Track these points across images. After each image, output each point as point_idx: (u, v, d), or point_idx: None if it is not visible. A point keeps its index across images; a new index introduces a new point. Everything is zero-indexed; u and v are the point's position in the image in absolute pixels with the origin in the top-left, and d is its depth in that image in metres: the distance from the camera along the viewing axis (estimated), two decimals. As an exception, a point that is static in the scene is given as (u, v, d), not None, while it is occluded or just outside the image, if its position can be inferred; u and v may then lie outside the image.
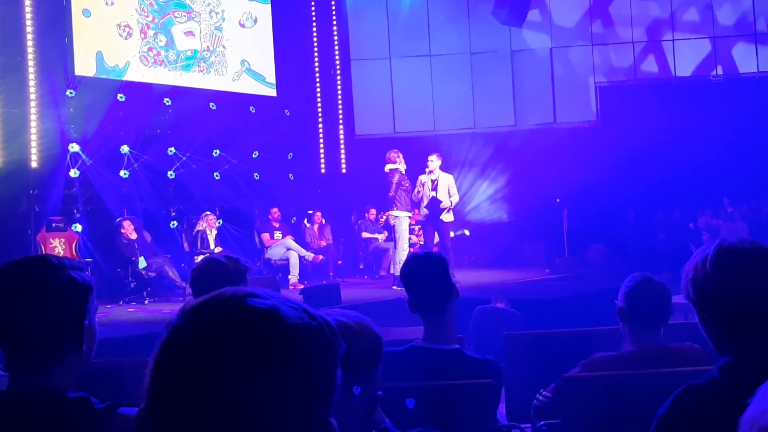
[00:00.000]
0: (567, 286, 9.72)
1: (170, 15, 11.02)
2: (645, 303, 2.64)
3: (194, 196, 10.84)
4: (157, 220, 10.44)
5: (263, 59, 12.24)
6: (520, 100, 13.42)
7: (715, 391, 1.58)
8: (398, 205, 9.55)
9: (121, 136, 10.22)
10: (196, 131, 10.95)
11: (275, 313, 0.83)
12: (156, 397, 0.82)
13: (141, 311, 8.60)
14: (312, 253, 10.94)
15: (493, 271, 11.56)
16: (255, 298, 0.84)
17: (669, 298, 2.71)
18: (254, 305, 0.83)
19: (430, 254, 2.86)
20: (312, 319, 0.86)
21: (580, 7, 13.39)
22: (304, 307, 0.87)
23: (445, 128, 13.30)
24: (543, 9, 13.30)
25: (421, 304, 2.67)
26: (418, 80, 13.40)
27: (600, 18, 13.38)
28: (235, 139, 11.48)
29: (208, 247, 10.10)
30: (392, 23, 13.52)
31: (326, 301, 7.77)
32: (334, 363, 0.87)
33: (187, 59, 11.18)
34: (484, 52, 13.40)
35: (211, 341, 0.80)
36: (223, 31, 11.71)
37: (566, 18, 13.40)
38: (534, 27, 13.32)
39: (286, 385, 0.81)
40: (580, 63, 13.38)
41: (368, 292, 9.81)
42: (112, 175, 10.04)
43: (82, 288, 1.62)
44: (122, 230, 9.49)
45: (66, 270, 1.61)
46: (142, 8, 10.66)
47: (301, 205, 12.34)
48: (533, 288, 9.69)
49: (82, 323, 1.62)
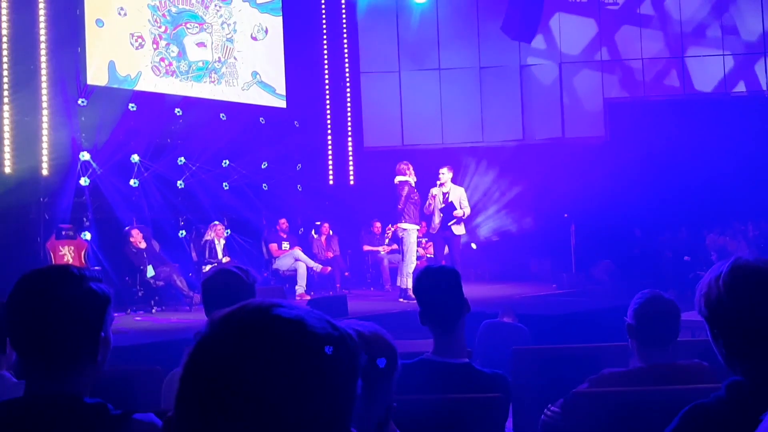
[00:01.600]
0: (574, 301, 9.69)
1: (182, 26, 11.10)
2: (654, 320, 2.65)
3: (203, 205, 10.88)
4: (166, 229, 10.47)
5: (274, 71, 12.31)
6: (529, 114, 13.45)
7: (722, 410, 1.59)
8: (407, 218, 9.55)
9: (132, 146, 10.28)
10: (206, 141, 11.01)
11: (301, 323, 0.85)
12: (185, 404, 0.84)
13: (149, 320, 8.61)
14: (320, 265, 10.96)
15: (500, 285, 11.55)
16: (281, 308, 0.86)
17: (678, 315, 2.72)
18: (280, 315, 0.85)
19: (445, 268, 2.86)
20: (335, 330, 0.88)
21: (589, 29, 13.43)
22: (328, 318, 0.89)
23: (453, 141, 13.33)
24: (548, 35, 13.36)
25: (434, 317, 2.67)
26: (426, 94, 13.45)
27: (609, 37, 13.42)
28: (244, 150, 11.53)
29: (216, 257, 10.13)
30: (402, 37, 13.59)
31: (333, 312, 7.71)
32: (356, 373, 0.90)
33: (199, 70, 11.25)
34: (493, 67, 13.45)
35: (240, 350, 0.83)
36: (234, 42, 11.79)
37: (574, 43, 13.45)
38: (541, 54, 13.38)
39: (312, 394, 0.83)
40: (589, 78, 13.41)
41: (375, 304, 9.79)
42: (122, 184, 10.08)
43: (101, 300, 1.64)
44: (131, 239, 9.52)
45: (86, 281, 1.63)
46: (154, 19, 10.75)
47: (309, 216, 12.36)
48: (540, 303, 9.65)
49: (99, 335, 1.64)
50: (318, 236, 11.98)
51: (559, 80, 13.45)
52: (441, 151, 12.76)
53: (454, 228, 9.52)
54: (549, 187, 12.66)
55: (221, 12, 11.66)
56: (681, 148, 12.39)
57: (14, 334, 1.62)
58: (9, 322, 1.61)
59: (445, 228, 9.51)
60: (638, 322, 2.67)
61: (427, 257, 11.06)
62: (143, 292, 9.35)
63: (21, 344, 1.61)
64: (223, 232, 10.46)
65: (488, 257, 12.94)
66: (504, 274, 12.47)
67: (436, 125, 13.48)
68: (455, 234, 9.57)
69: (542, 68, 13.53)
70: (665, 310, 2.68)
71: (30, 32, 9.36)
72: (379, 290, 11.52)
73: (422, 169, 10.01)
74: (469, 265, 12.14)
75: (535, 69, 13.55)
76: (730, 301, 1.59)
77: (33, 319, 1.58)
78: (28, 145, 9.26)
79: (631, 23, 13.41)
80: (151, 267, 9.39)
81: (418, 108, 13.46)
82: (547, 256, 12.58)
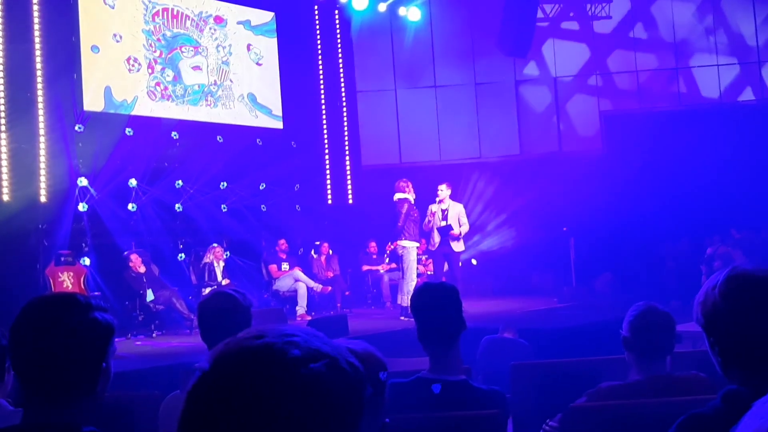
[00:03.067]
0: (576, 315, 9.66)
1: (177, 50, 11.18)
2: (649, 332, 2.66)
3: (202, 228, 10.89)
4: (165, 253, 10.48)
5: (270, 92, 12.37)
6: (525, 129, 13.51)
7: (718, 419, 1.59)
8: (406, 235, 9.56)
9: (129, 170, 10.30)
10: (203, 164, 11.04)
11: (304, 362, 0.85)
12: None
13: (149, 344, 8.59)
14: (320, 285, 10.96)
15: (501, 300, 11.54)
16: (290, 344, 0.86)
17: (673, 327, 2.73)
18: (283, 352, 0.85)
19: (443, 285, 2.86)
20: (339, 366, 0.88)
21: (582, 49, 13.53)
22: (336, 351, 0.89)
23: (451, 158, 13.38)
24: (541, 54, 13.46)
25: (430, 335, 2.67)
26: (423, 111, 13.52)
27: (603, 50, 13.50)
28: (242, 172, 11.56)
29: (215, 279, 10.13)
30: (397, 55, 13.68)
31: (334, 332, 7.76)
32: (361, 407, 0.90)
33: (195, 93, 11.32)
34: (488, 83, 13.53)
35: (239, 390, 0.83)
36: (230, 65, 11.86)
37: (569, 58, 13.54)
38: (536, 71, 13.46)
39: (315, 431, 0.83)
40: (584, 91, 13.48)
41: (376, 322, 9.78)
42: (120, 208, 10.10)
43: (106, 330, 1.64)
44: (130, 263, 9.52)
45: (92, 311, 1.64)
46: (149, 43, 10.82)
47: (308, 237, 12.37)
48: (541, 317, 9.64)
49: (101, 365, 1.64)
50: (317, 256, 11.99)
51: (554, 94, 13.52)
52: (439, 168, 12.80)
53: (453, 245, 9.55)
54: (548, 201, 12.69)
55: (216, 35, 11.74)
56: (679, 158, 12.43)
57: (17, 360, 1.62)
58: (13, 348, 1.61)
59: (445, 245, 9.53)
60: (633, 335, 2.68)
61: (428, 274, 11.06)
62: (143, 317, 9.34)
63: (23, 371, 1.62)
64: (223, 255, 10.47)
65: (489, 272, 12.94)
66: (505, 289, 12.47)
67: (433, 142, 13.54)
68: (455, 251, 9.59)
69: (538, 83, 13.60)
70: (660, 321, 2.69)
71: (26, 60, 9.42)
72: (380, 309, 11.50)
73: (421, 185, 10.04)
74: (470, 281, 12.14)
75: (530, 84, 13.62)
76: (726, 309, 1.60)
77: (37, 346, 1.59)
78: (26, 173, 9.29)
79: (624, 41, 13.50)
80: (150, 291, 9.39)
81: (415, 125, 13.53)
82: (547, 270, 12.58)
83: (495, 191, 13.14)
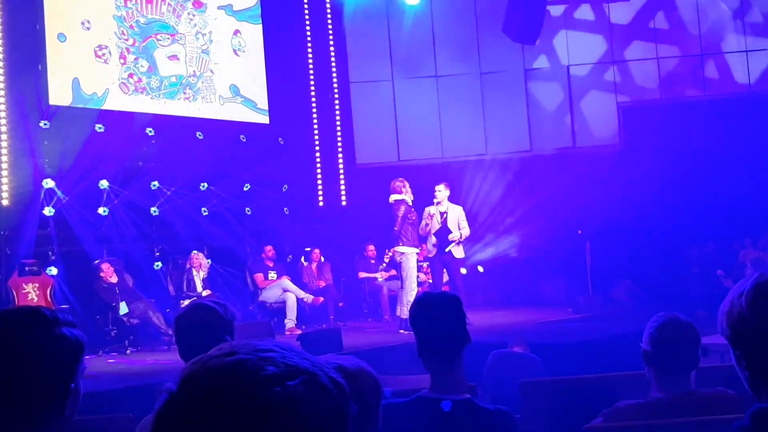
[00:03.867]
0: (592, 327, 9.69)
1: (152, 38, 11.19)
2: (671, 345, 2.67)
3: (180, 234, 10.89)
4: (140, 261, 10.48)
5: (254, 84, 12.38)
6: (536, 123, 13.52)
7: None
8: (404, 240, 9.57)
9: (100, 171, 10.30)
10: (181, 163, 11.05)
11: (280, 380, 0.86)
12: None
13: (123, 362, 8.60)
14: (311, 295, 10.96)
15: (510, 311, 11.54)
16: (264, 360, 0.87)
17: (698, 339, 2.74)
18: (257, 370, 0.86)
19: (445, 295, 2.87)
20: (319, 382, 0.89)
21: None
22: (311, 369, 0.89)
23: (454, 155, 13.38)
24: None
25: (432, 350, 2.68)
26: (423, 103, 13.52)
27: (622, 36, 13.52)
28: (224, 172, 11.56)
29: (195, 290, 10.14)
30: (394, 42, 13.69)
31: (326, 347, 7.77)
32: (344, 428, 0.90)
33: (172, 86, 11.32)
34: (494, 72, 13.54)
35: (209, 412, 0.83)
36: (210, 54, 11.87)
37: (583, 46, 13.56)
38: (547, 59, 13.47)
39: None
40: (600, 81, 13.50)
41: (372, 336, 9.79)
42: (90, 213, 10.10)
43: (74, 348, 1.64)
44: (101, 273, 9.52)
45: (59, 326, 1.64)
46: (121, 31, 10.83)
47: (297, 242, 12.37)
48: (554, 330, 9.64)
49: (69, 386, 1.64)
50: (308, 264, 11.99)
51: (567, 85, 13.54)
52: (441, 166, 12.81)
53: (453, 251, 9.57)
54: (560, 201, 12.69)
55: (195, 21, 11.75)
56: (705, 153, 12.42)
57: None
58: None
59: (443, 251, 9.55)
60: (654, 348, 2.69)
61: (429, 283, 11.06)
62: (116, 332, 9.34)
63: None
64: (203, 263, 10.47)
65: (496, 280, 12.94)
66: (514, 299, 12.47)
67: (434, 138, 13.55)
68: (455, 257, 9.60)
69: (549, 72, 13.62)
70: (683, 333, 2.70)
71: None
72: (377, 321, 11.51)
73: (421, 186, 10.05)
74: (475, 290, 12.14)
75: (541, 73, 13.64)
76: (753, 318, 1.59)
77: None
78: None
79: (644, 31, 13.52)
80: (124, 303, 9.39)
81: (414, 119, 13.53)
82: (561, 278, 12.58)
83: (503, 191, 13.15)
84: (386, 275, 12.05)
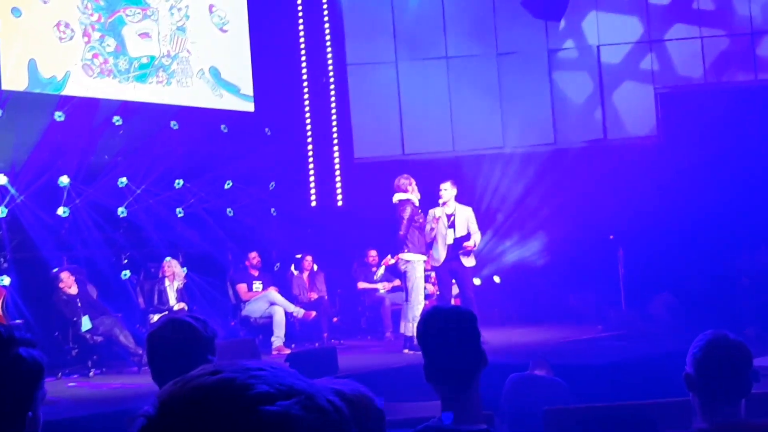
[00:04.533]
0: (625, 346, 9.70)
1: (120, 13, 11.20)
2: (719, 368, 2.66)
3: (151, 238, 10.90)
4: (105, 269, 10.49)
5: (237, 66, 12.40)
6: (561, 111, 13.52)
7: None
8: (410, 247, 9.58)
9: (60, 165, 10.31)
10: (153, 157, 11.05)
11: (272, 399, 0.85)
12: None
13: (85, 386, 8.61)
14: (302, 309, 10.96)
15: (531, 328, 11.57)
16: (254, 379, 0.86)
17: (750, 361, 2.73)
18: (246, 388, 0.85)
19: (458, 309, 2.87)
20: (317, 404, 0.89)
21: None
22: (308, 390, 0.90)
23: (466, 148, 13.40)
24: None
25: (442, 373, 2.68)
26: (431, 89, 13.53)
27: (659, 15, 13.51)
28: (202, 167, 11.57)
29: (168, 302, 10.14)
30: (398, 18, 13.69)
31: (319, 369, 7.78)
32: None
33: (143, 67, 11.33)
34: (513, 53, 13.54)
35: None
36: (186, 32, 11.88)
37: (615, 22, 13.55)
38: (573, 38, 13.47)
39: None
40: (635, 65, 13.49)
41: (372, 357, 9.80)
42: (48, 213, 10.11)
43: (33, 371, 1.63)
44: (60, 283, 9.52)
45: (15, 346, 1.62)
46: (85, 5, 10.84)
47: (286, 248, 12.38)
48: (582, 350, 9.67)
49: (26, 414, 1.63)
50: (299, 273, 12.00)
51: (597, 67, 13.53)
52: (451, 161, 12.82)
53: (463, 259, 9.57)
54: (589, 202, 12.68)
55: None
56: (756, 146, 12.40)
57: None
58: None
59: (452, 259, 9.55)
60: (698, 372, 2.68)
61: (438, 295, 11.07)
62: (77, 351, 9.34)
63: None
64: (178, 272, 10.47)
65: (515, 293, 12.94)
66: (536, 314, 12.47)
67: (444, 128, 13.55)
68: (465, 266, 9.61)
69: (577, 55, 13.62)
70: (732, 355, 2.69)
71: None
72: (378, 339, 11.52)
73: (429, 184, 10.05)
74: (491, 304, 12.15)
75: (567, 54, 13.63)
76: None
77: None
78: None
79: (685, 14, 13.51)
80: (86, 318, 9.38)
81: (421, 107, 13.53)
82: (589, 290, 12.57)
83: (523, 190, 13.15)
84: (389, 286, 12.04)
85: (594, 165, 12.94)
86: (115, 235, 10.80)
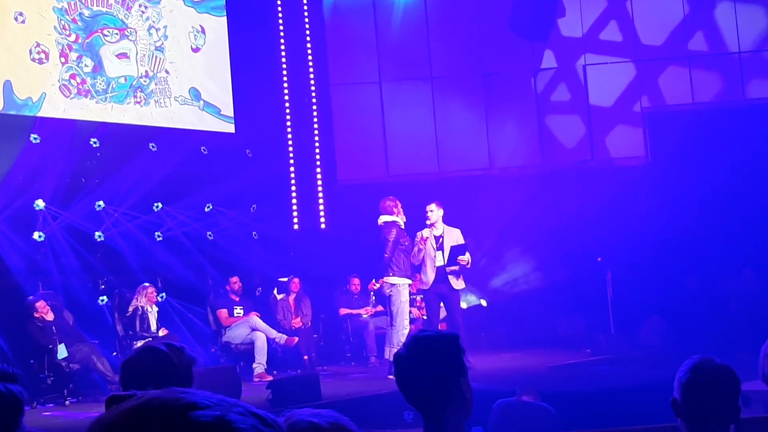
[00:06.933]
0: (615, 372, 9.72)
1: (98, 33, 11.20)
2: (705, 394, 2.67)
3: (129, 263, 10.86)
4: (82, 295, 10.43)
5: (218, 86, 12.40)
6: (548, 132, 13.58)
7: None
8: (395, 270, 9.58)
9: (36, 188, 10.28)
10: (131, 180, 11.03)
11: (210, 407, 0.86)
12: None
13: (61, 415, 8.54)
14: (284, 335, 10.92)
15: (518, 353, 11.57)
16: (196, 408, 0.87)
17: (738, 386, 2.74)
18: (197, 419, 0.86)
19: (441, 335, 2.84)
20: (255, 413, 0.89)
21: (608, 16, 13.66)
22: (257, 412, 0.90)
23: (452, 169, 13.42)
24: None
25: (422, 403, 2.66)
26: (416, 109, 13.57)
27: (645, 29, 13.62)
28: (181, 190, 11.55)
29: (148, 329, 10.08)
30: (382, 38, 13.74)
31: (301, 397, 7.75)
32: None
33: (120, 88, 11.33)
34: (500, 74, 13.60)
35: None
36: (165, 51, 11.90)
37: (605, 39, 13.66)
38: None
39: None
40: (622, 84, 13.57)
41: (356, 384, 9.77)
42: (22, 238, 10.06)
43: (12, 407, 1.60)
44: (35, 313, 9.46)
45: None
46: (62, 25, 10.84)
47: (268, 273, 12.35)
48: (570, 375, 9.68)
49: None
50: (284, 296, 11.93)
51: (584, 86, 13.61)
52: (437, 183, 12.84)
53: (452, 282, 9.57)
54: (577, 224, 12.73)
55: (147, 14, 11.79)
56: (747, 168, 12.47)
57: None
58: None
59: (441, 281, 9.55)
60: (684, 397, 2.69)
61: (423, 319, 11.06)
62: (53, 379, 9.28)
63: None
64: (156, 297, 10.43)
65: (502, 317, 12.94)
66: (523, 339, 12.45)
67: (429, 149, 13.58)
68: (454, 289, 9.61)
69: (561, 73, 13.69)
70: (720, 380, 2.70)
71: None
72: (362, 365, 11.48)
73: (414, 205, 10.06)
74: (478, 328, 12.15)
75: (552, 74, 13.70)
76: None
77: None
78: None
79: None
80: (62, 346, 9.33)
81: (405, 128, 13.56)
82: (578, 314, 12.60)
83: (510, 212, 13.16)
84: (372, 311, 12.02)
85: (582, 186, 12.99)
86: (92, 260, 10.75)
